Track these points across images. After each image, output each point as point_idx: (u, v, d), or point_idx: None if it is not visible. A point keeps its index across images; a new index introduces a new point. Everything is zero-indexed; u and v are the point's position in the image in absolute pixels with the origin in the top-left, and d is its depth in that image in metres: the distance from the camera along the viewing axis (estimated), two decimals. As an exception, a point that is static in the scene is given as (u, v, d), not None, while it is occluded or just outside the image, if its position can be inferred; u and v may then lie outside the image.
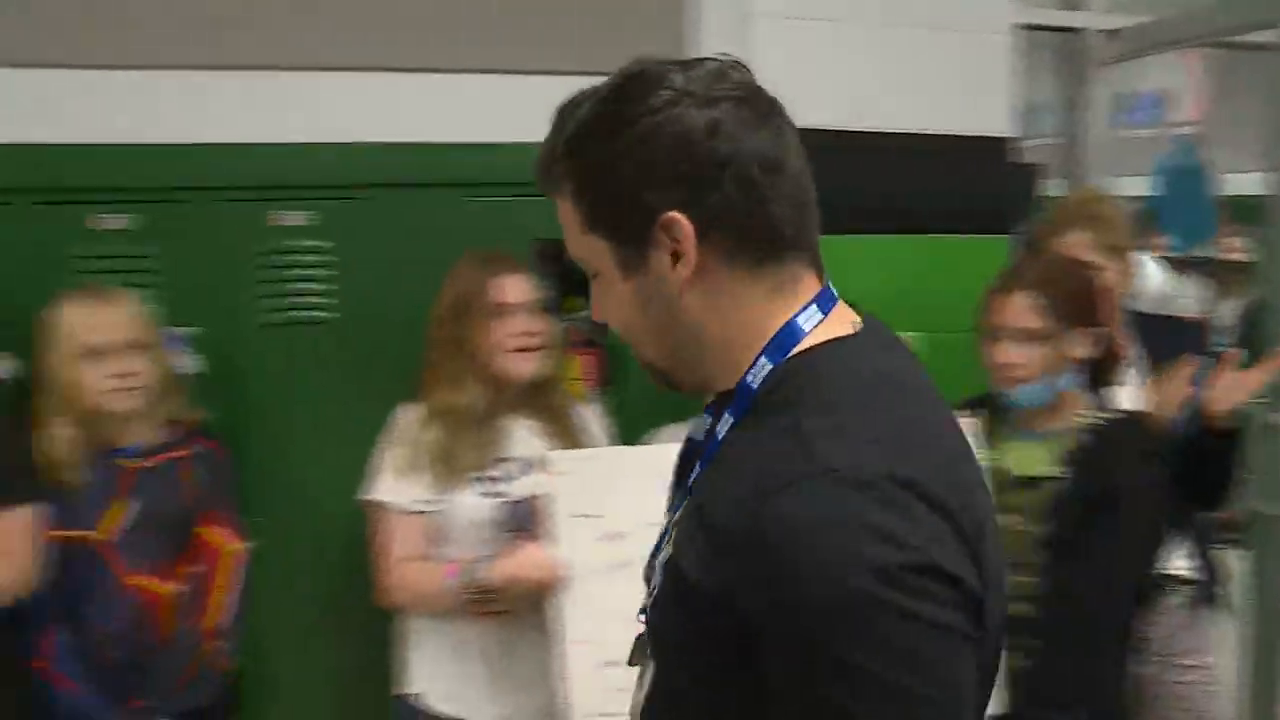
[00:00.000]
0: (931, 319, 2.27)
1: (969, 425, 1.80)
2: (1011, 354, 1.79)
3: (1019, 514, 1.78)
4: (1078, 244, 2.12)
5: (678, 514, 0.98)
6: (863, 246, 2.26)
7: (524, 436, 1.87)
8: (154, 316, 1.90)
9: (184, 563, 1.89)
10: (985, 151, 2.34)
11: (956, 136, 2.31)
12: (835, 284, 0.94)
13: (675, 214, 0.85)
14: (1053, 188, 2.85)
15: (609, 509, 1.74)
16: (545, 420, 1.89)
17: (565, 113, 0.91)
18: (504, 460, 1.84)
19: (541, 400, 1.89)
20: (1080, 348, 1.80)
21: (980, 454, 1.78)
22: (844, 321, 0.92)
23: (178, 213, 2.03)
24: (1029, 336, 1.78)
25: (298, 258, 2.08)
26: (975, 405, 1.87)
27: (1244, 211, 2.77)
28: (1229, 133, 3.36)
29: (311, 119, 2.05)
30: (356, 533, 1.89)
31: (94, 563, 1.83)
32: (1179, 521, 1.95)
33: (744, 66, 0.91)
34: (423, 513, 1.81)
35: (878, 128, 2.25)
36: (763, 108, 0.88)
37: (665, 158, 0.85)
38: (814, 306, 0.91)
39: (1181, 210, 3.00)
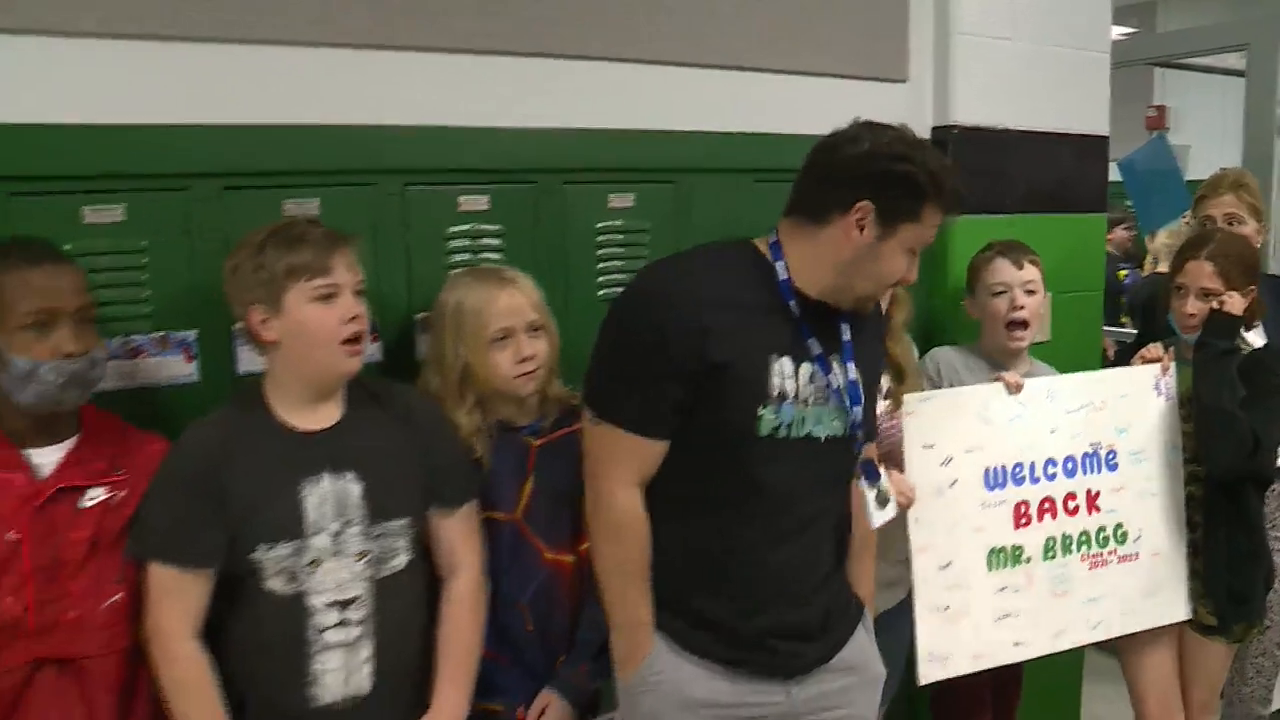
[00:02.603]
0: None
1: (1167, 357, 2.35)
2: (1190, 307, 2.32)
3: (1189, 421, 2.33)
4: (1231, 204, 2.72)
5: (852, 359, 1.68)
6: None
7: None
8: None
9: (580, 536, 1.90)
10: (1094, 146, 2.90)
11: (1080, 135, 2.85)
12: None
13: None
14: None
15: (941, 439, 2.14)
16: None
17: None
18: None
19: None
20: (1240, 303, 2.34)
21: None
22: None
23: (521, 194, 2.13)
24: (1206, 294, 2.32)
25: (621, 236, 2.25)
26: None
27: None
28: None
29: (636, 109, 2.25)
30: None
31: (513, 539, 1.90)
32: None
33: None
34: None
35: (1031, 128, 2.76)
36: None
37: None
38: None
39: (1151, 195, 3.73)
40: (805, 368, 1.64)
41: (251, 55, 1.86)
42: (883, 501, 1.80)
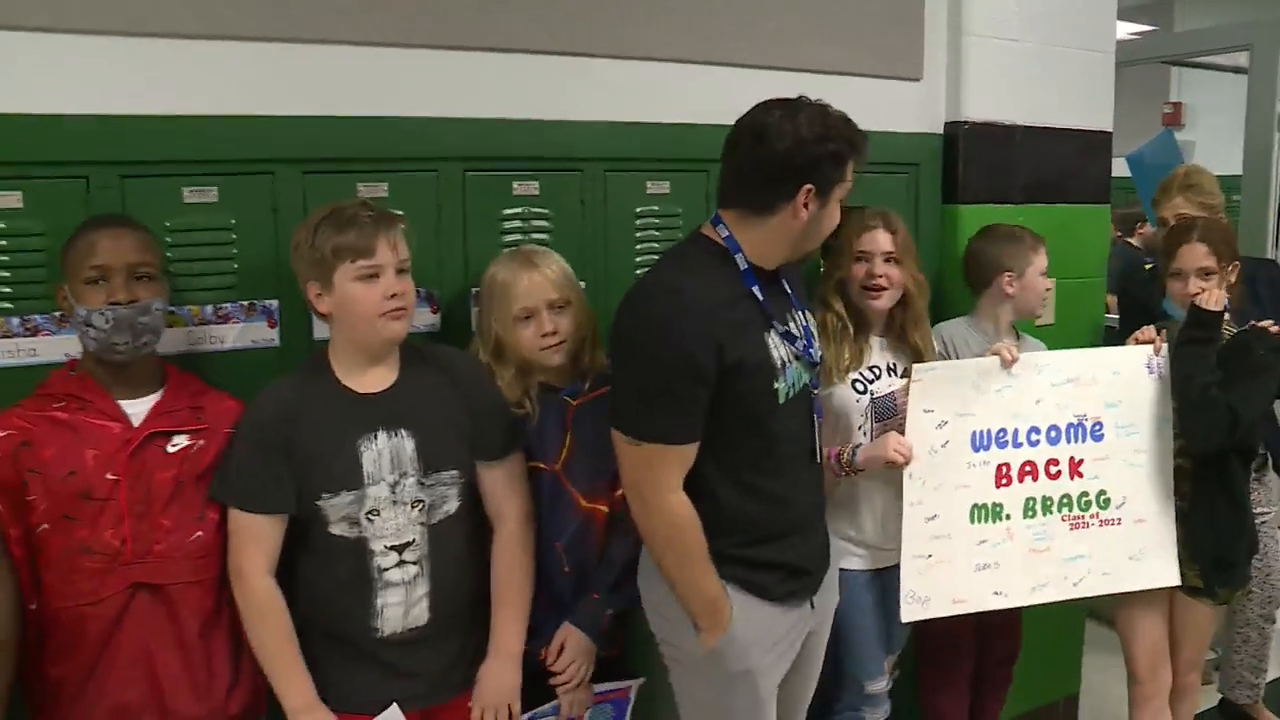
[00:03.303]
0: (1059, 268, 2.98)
1: (1160, 339, 2.52)
2: (1193, 286, 2.49)
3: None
4: (1181, 205, 2.91)
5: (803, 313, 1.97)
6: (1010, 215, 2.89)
7: (880, 349, 2.44)
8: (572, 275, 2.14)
9: (615, 486, 2.04)
10: (1098, 141, 3.08)
11: (1085, 131, 3.03)
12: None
13: None
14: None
15: (940, 404, 2.34)
16: (894, 336, 2.46)
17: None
18: (870, 366, 2.41)
19: (895, 322, 2.46)
20: (1233, 276, 2.51)
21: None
22: None
23: (568, 181, 2.35)
24: (1206, 273, 2.50)
25: (658, 220, 2.46)
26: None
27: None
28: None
29: (672, 104, 2.45)
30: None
31: (553, 487, 2.09)
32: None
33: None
34: None
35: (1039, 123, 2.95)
36: None
37: None
38: None
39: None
40: (784, 329, 1.89)
41: (330, 55, 2.08)
42: None
